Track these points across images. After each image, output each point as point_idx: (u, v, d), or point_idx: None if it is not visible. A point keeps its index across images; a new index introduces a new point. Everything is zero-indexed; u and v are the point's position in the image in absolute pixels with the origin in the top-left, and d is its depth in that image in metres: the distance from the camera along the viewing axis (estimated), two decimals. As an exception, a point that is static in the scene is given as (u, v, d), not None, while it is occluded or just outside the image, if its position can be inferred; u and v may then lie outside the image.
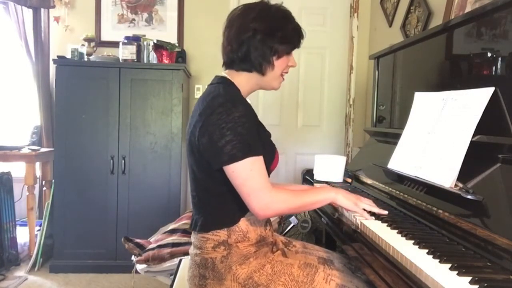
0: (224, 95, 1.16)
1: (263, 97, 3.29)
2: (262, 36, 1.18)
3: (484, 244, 0.95)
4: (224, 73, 1.28)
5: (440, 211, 1.13)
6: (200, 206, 1.24)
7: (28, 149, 2.94)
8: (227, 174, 1.13)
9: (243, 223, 1.20)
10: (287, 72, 1.30)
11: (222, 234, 1.19)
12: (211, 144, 1.12)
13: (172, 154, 2.79)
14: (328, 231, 1.65)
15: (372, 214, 1.27)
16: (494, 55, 1.22)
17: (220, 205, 1.21)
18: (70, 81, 2.72)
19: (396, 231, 1.13)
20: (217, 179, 1.17)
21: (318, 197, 1.22)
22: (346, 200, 1.24)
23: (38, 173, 3.14)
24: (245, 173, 1.10)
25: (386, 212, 1.27)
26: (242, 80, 1.25)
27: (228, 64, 1.26)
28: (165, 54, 2.81)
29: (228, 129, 1.09)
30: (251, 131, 1.13)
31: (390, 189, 1.46)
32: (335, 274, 1.23)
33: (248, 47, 1.19)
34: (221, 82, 1.24)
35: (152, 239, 2.12)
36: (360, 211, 1.25)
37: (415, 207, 1.26)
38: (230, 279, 1.16)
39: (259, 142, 1.16)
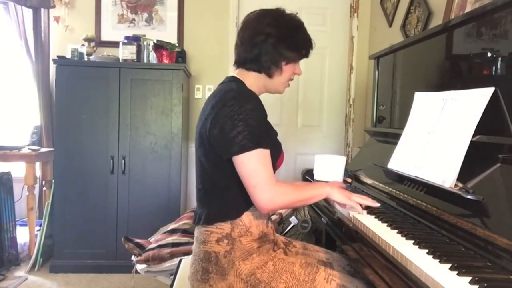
0: (237, 89, 1.22)
1: (263, 97, 3.25)
2: (274, 41, 1.25)
3: (484, 244, 0.95)
4: (234, 73, 1.34)
5: (440, 211, 1.13)
6: (205, 199, 1.27)
7: (28, 149, 2.94)
8: (235, 165, 1.16)
9: (246, 217, 1.22)
10: (292, 79, 1.37)
11: (225, 227, 1.21)
12: (222, 134, 1.15)
13: (172, 154, 2.79)
14: (328, 231, 1.66)
15: (366, 208, 1.32)
16: (494, 55, 1.22)
17: (226, 198, 1.23)
18: (70, 81, 2.72)
19: (396, 231, 1.13)
20: (225, 171, 1.20)
21: (315, 192, 1.27)
22: (339, 195, 1.28)
23: (38, 173, 3.14)
24: (253, 165, 1.13)
25: (378, 205, 1.32)
26: (251, 80, 1.31)
27: (240, 63, 1.32)
28: (165, 54, 2.81)
29: (240, 120, 1.13)
30: (261, 125, 1.19)
31: (390, 189, 1.46)
32: (335, 274, 1.23)
33: (260, 49, 1.25)
34: (233, 80, 1.29)
35: (152, 239, 2.13)
36: (353, 204, 1.29)
37: (415, 207, 1.26)
38: (233, 274, 1.18)
39: (267, 137, 1.21)
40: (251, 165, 1.13)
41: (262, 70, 1.29)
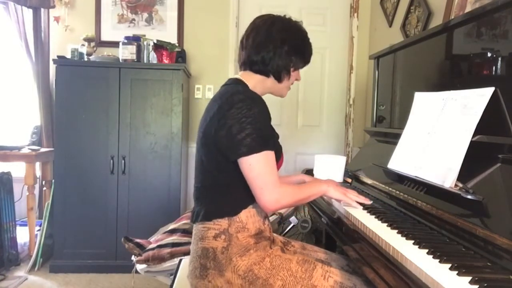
0: (243, 92, 1.25)
1: (263, 97, 3.28)
2: (289, 48, 1.31)
3: (484, 244, 0.95)
4: (238, 74, 1.37)
5: (440, 211, 1.13)
6: (203, 196, 1.29)
7: (28, 149, 2.94)
8: (242, 166, 1.18)
9: (243, 215, 1.24)
10: (292, 83, 1.44)
11: (223, 223, 1.22)
12: (230, 136, 1.17)
13: (172, 154, 2.79)
14: (328, 231, 1.65)
15: (362, 204, 1.39)
16: (494, 55, 1.22)
17: (225, 195, 1.25)
18: (70, 81, 2.72)
19: (396, 231, 1.13)
20: (227, 171, 1.23)
21: (314, 190, 1.33)
22: (336, 192, 1.36)
23: (38, 173, 3.14)
24: (261, 166, 1.17)
25: (370, 202, 1.40)
26: (256, 82, 1.34)
27: (248, 65, 1.34)
28: (165, 54, 2.81)
29: (248, 123, 1.17)
30: (267, 128, 1.24)
31: (390, 189, 1.46)
32: (333, 271, 1.24)
33: (274, 54, 1.30)
34: (238, 83, 1.32)
35: (152, 239, 2.12)
36: (349, 200, 1.38)
37: (415, 207, 1.26)
38: (230, 270, 1.19)
39: (273, 139, 1.25)
40: (259, 167, 1.17)
41: (271, 74, 1.33)
